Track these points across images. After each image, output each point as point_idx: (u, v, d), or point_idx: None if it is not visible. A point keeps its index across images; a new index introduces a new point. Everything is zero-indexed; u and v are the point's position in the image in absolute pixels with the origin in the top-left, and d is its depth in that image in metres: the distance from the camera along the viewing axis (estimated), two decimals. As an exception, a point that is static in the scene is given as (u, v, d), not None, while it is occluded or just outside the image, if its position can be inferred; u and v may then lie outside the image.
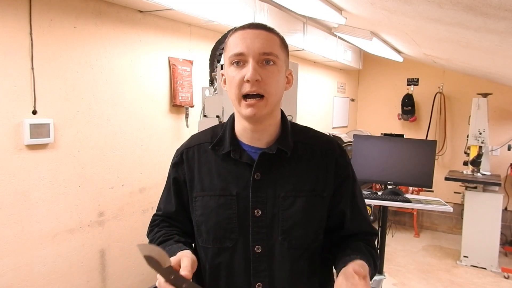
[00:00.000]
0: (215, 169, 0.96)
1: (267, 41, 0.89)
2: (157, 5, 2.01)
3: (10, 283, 1.71)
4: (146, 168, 2.34)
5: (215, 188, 0.95)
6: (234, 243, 0.92)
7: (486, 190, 3.91)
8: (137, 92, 2.25)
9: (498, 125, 4.66)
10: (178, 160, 1.02)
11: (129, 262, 2.27)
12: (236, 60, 0.88)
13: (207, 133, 1.03)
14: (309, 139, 1.00)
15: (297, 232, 0.92)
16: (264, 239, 0.92)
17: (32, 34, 1.71)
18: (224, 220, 0.93)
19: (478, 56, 2.92)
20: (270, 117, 0.93)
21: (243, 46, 0.87)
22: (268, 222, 0.92)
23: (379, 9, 2.12)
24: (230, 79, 0.90)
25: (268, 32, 0.91)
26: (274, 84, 0.89)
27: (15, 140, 1.69)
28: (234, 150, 0.94)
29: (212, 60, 2.00)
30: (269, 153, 0.93)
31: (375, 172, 2.79)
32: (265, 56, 0.88)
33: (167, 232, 1.00)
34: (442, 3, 1.53)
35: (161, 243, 0.96)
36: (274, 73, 0.89)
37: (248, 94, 0.87)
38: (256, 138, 0.95)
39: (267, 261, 0.92)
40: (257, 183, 0.93)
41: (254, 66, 0.86)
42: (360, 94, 5.71)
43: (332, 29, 3.63)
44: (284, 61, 0.93)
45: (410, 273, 3.78)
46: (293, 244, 0.92)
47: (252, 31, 0.89)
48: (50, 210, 1.84)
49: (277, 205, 0.92)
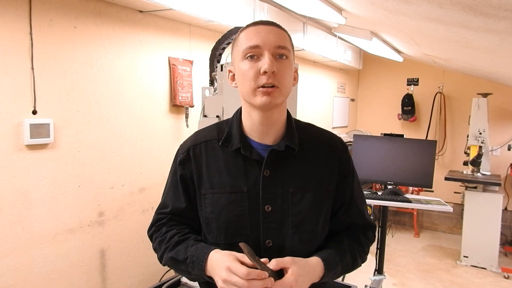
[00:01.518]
0: (224, 166, 0.97)
1: (280, 36, 0.92)
2: (157, 5, 2.01)
3: (10, 283, 1.71)
4: (146, 168, 2.34)
5: (225, 185, 0.96)
6: (245, 239, 0.92)
7: (486, 190, 3.91)
8: (137, 92, 2.25)
9: (498, 125, 4.66)
10: (185, 157, 1.02)
11: (129, 262, 2.27)
12: (251, 53, 0.90)
13: (213, 130, 1.03)
14: (313, 136, 1.03)
15: (306, 226, 0.96)
16: (274, 233, 0.95)
17: (32, 34, 1.71)
18: (235, 217, 0.95)
19: (478, 56, 2.92)
20: (278, 110, 0.96)
21: (258, 39, 0.90)
22: (279, 217, 0.95)
23: (379, 9, 2.12)
24: (243, 72, 0.91)
25: (280, 29, 0.95)
26: (287, 77, 0.92)
27: (15, 140, 1.69)
28: (244, 147, 0.96)
29: (212, 60, 1.99)
30: (278, 150, 0.95)
31: (375, 172, 2.79)
32: (279, 50, 0.90)
33: (179, 231, 1.00)
34: (442, 3, 1.53)
35: (180, 243, 0.97)
36: (287, 67, 0.92)
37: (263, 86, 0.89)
38: (265, 133, 0.96)
39: (277, 254, 0.93)
40: (267, 179, 0.95)
41: (270, 58, 0.89)
42: (360, 94, 5.71)
43: (332, 29, 3.63)
44: (293, 57, 0.97)
45: (410, 273, 3.78)
46: (303, 238, 0.96)
47: (265, 26, 0.93)
48: (50, 210, 1.84)
49: (287, 201, 0.95)
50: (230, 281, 0.82)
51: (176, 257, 0.96)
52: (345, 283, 1.85)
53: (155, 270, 2.41)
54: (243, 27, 0.96)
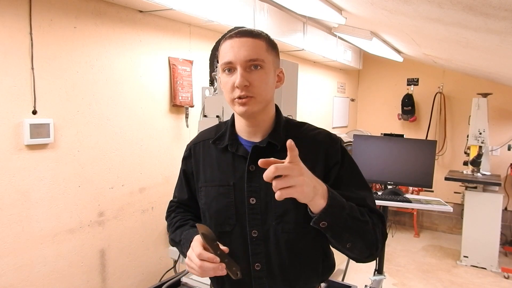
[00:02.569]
0: (216, 162, 1.08)
1: (253, 47, 0.95)
2: (157, 5, 2.01)
3: (10, 283, 1.71)
4: (146, 168, 2.34)
5: (215, 179, 1.07)
6: (233, 227, 1.03)
7: (486, 190, 3.91)
8: (137, 92, 2.25)
9: (498, 125, 4.66)
10: (187, 154, 1.16)
11: (129, 262, 2.27)
12: (227, 68, 0.97)
13: (212, 130, 1.15)
14: (301, 133, 1.07)
15: (289, 218, 1.00)
16: (259, 224, 1.02)
17: (32, 34, 1.71)
18: (223, 208, 1.04)
19: (478, 56, 2.92)
20: (263, 113, 1.02)
21: (231, 55, 0.95)
22: (263, 209, 1.02)
23: (379, 9, 2.12)
24: (223, 84, 1.00)
25: (254, 38, 0.97)
26: (262, 86, 0.97)
27: (15, 140, 1.69)
28: (231, 144, 1.05)
29: (212, 60, 1.99)
30: (260, 146, 1.02)
31: (375, 172, 2.79)
32: (251, 63, 0.95)
33: (183, 217, 1.17)
34: (442, 3, 1.53)
35: (179, 228, 1.13)
36: (262, 76, 0.97)
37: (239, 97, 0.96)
38: (252, 132, 1.05)
39: (263, 244, 1.02)
40: (251, 174, 1.02)
41: (241, 73, 0.94)
42: (360, 94, 5.71)
43: (332, 29, 3.63)
44: (272, 62, 1.00)
45: (410, 273, 3.78)
46: (286, 228, 1.01)
47: (238, 39, 0.96)
48: (50, 210, 1.84)
49: (270, 194, 0.97)
50: (190, 257, 0.94)
51: (174, 239, 1.14)
52: (345, 283, 1.84)
53: (155, 270, 2.41)
54: (223, 37, 1.01)
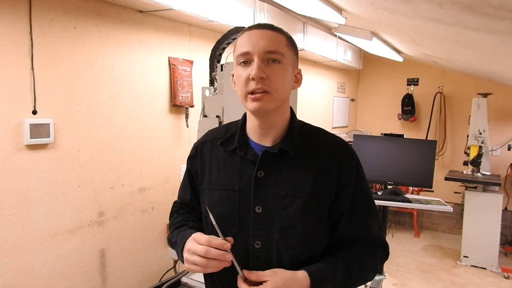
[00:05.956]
0: (223, 164, 1.01)
1: (272, 40, 0.91)
2: (157, 5, 2.01)
3: (10, 283, 1.71)
4: (146, 168, 2.34)
5: (220, 182, 1.00)
6: (234, 236, 0.92)
7: (486, 190, 3.91)
8: (137, 92, 2.25)
9: (498, 125, 4.66)
10: (193, 153, 1.09)
11: (129, 262, 2.27)
12: (243, 59, 0.91)
13: (221, 130, 1.07)
14: (316, 141, 0.99)
15: (294, 232, 0.93)
16: (262, 235, 0.94)
17: (32, 34, 1.71)
18: (226, 213, 0.97)
19: (478, 56, 2.92)
20: (276, 113, 0.95)
21: (249, 46, 0.90)
22: (268, 219, 0.94)
23: (379, 9, 2.12)
24: (237, 78, 0.93)
25: (274, 31, 0.93)
26: (279, 81, 0.90)
27: (15, 140, 1.69)
28: (240, 147, 0.98)
29: (212, 60, 1.99)
30: (271, 152, 0.94)
31: (375, 172, 2.79)
32: (270, 55, 0.90)
33: (184, 218, 1.10)
34: (442, 3, 1.53)
35: (178, 228, 1.06)
36: (280, 71, 0.91)
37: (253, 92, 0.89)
38: (263, 134, 0.97)
39: (265, 257, 0.94)
40: (259, 180, 0.95)
41: (258, 64, 0.88)
42: (360, 94, 5.71)
43: (332, 29, 3.63)
44: (291, 59, 0.95)
45: (410, 273, 3.78)
46: (290, 243, 0.93)
47: (258, 31, 0.92)
48: (50, 210, 1.84)
49: (277, 204, 0.93)
50: (191, 249, 0.88)
51: (171, 239, 1.07)
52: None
53: (155, 270, 2.41)
54: (242, 31, 0.96)
